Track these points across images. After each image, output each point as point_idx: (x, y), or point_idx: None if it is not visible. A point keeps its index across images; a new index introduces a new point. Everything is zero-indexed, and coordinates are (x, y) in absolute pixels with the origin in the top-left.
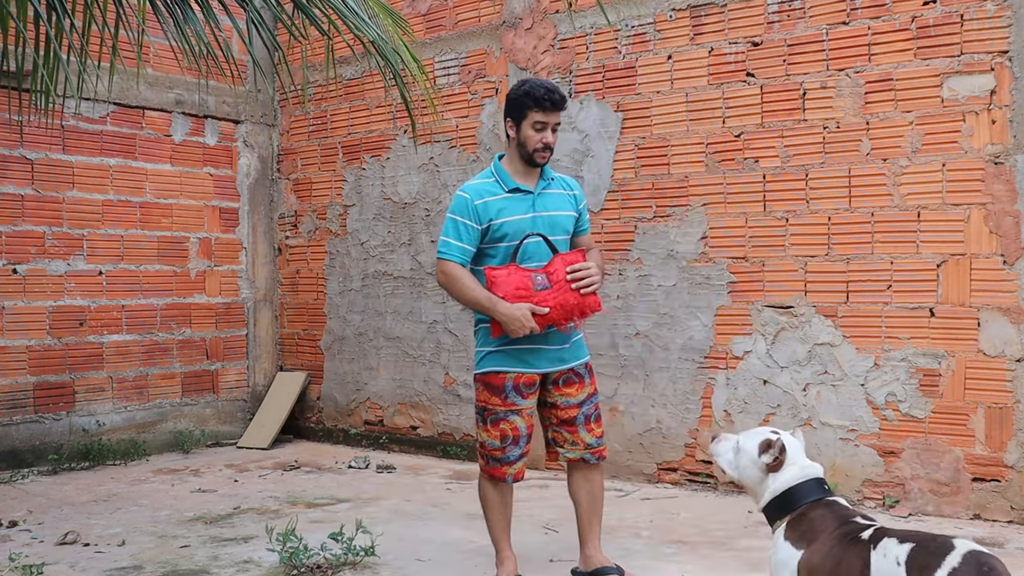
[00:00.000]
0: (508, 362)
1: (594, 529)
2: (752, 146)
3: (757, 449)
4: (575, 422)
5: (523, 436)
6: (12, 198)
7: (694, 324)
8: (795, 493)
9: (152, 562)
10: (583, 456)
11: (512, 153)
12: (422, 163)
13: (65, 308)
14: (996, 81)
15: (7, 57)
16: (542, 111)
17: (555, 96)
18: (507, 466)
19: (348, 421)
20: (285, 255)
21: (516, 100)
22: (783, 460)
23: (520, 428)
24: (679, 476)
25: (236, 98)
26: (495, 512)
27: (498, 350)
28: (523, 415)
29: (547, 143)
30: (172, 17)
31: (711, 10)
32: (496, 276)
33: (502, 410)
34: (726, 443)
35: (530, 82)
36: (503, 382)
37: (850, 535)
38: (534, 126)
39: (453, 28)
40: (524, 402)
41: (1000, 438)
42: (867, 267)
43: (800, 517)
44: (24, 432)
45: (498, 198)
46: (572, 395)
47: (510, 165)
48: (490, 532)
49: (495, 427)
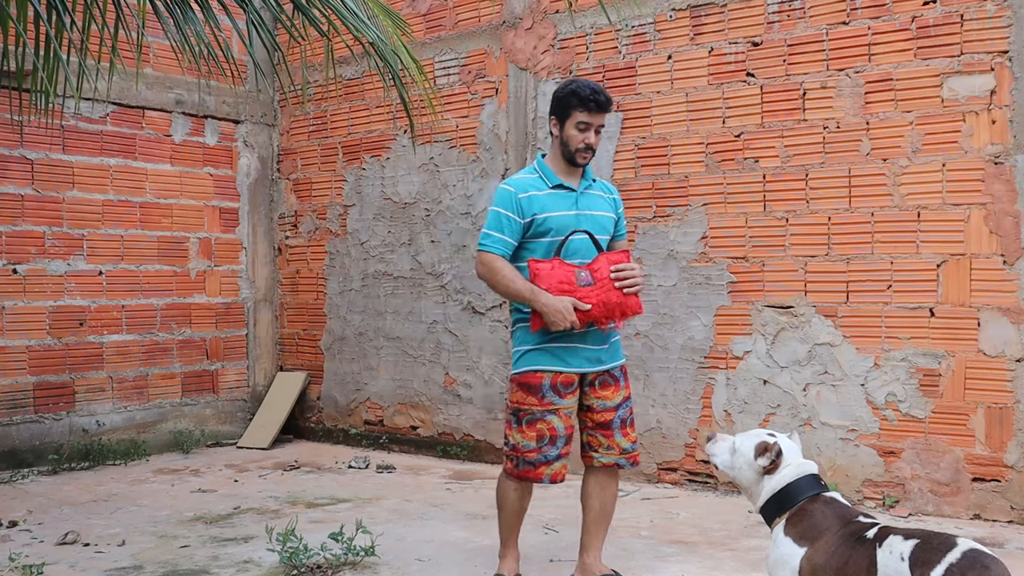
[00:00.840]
0: (546, 360)
1: (599, 538)
2: (752, 146)
3: (754, 452)
4: (611, 426)
5: (561, 436)
6: (12, 198)
7: (694, 324)
8: (792, 489)
9: (152, 562)
10: (617, 461)
11: (555, 151)
12: (422, 163)
13: (65, 308)
14: (996, 81)
15: (7, 57)
16: (587, 112)
17: (600, 98)
18: (543, 467)
19: (348, 421)
20: (285, 255)
21: (562, 99)
22: (779, 463)
23: (558, 428)
24: (679, 476)
25: (236, 98)
26: (510, 513)
27: (536, 348)
28: (561, 415)
29: (589, 144)
30: (172, 17)
31: (711, 10)
32: (540, 269)
33: (539, 410)
34: (722, 444)
35: (577, 82)
36: (540, 381)
37: (855, 534)
38: (577, 126)
39: (453, 28)
40: (562, 402)
41: (1000, 438)
42: (867, 267)
43: (800, 513)
44: (24, 432)
45: (542, 193)
46: (608, 398)
47: (553, 163)
48: (500, 529)
49: (531, 428)
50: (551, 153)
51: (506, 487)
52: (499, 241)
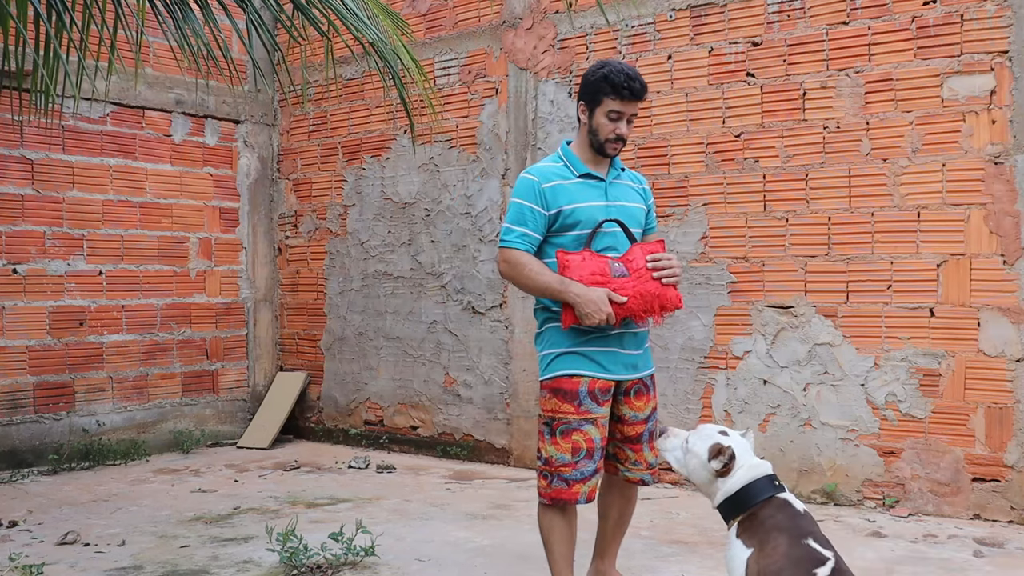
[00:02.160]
0: (583, 364)
1: (615, 545)
2: (752, 146)
3: (707, 454)
4: (640, 439)
5: (597, 448)
6: (12, 198)
7: (694, 324)
8: (747, 492)
9: (152, 562)
10: (643, 477)
11: (582, 139)
12: (422, 163)
13: (65, 308)
14: (996, 81)
15: (7, 57)
16: (620, 100)
17: (635, 85)
18: (579, 484)
19: (348, 421)
20: (285, 255)
21: (593, 84)
22: (732, 468)
23: (595, 439)
24: (679, 476)
25: (236, 98)
26: (561, 544)
27: (570, 351)
28: (598, 424)
29: (620, 134)
30: (171, 17)
31: (711, 10)
32: (570, 260)
33: (575, 419)
34: (674, 440)
35: (610, 64)
36: (577, 387)
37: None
38: (609, 115)
39: (453, 28)
40: (599, 410)
41: (1000, 438)
42: (867, 267)
43: (751, 516)
44: (24, 432)
45: (569, 182)
46: (641, 409)
47: (579, 151)
48: (551, 566)
49: (566, 439)
50: (577, 140)
51: (548, 519)
52: (522, 236)
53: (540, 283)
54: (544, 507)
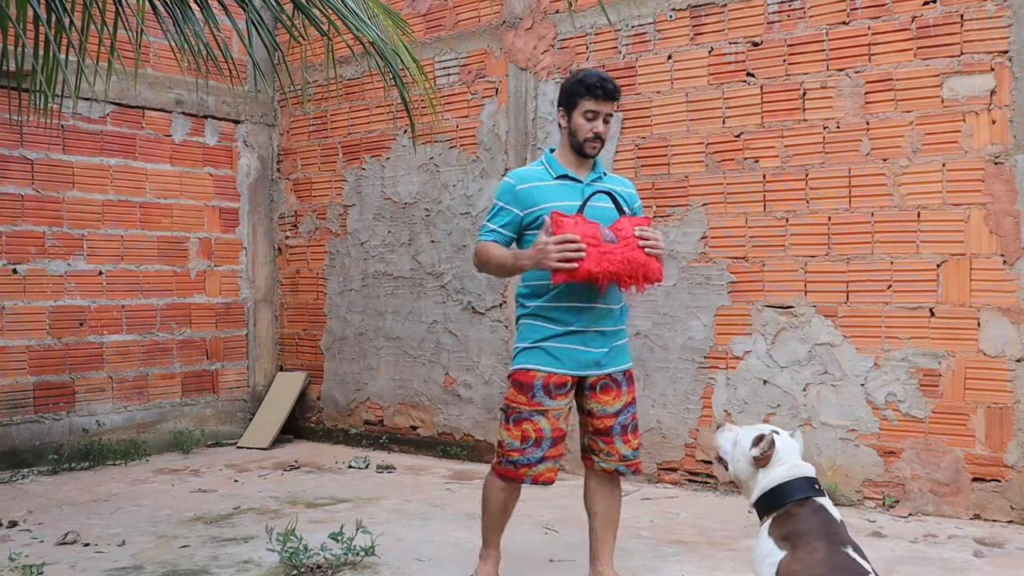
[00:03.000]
0: (541, 360)
1: (608, 545)
2: (752, 146)
3: (751, 442)
4: (611, 432)
5: (547, 439)
6: (12, 198)
7: (694, 324)
8: (784, 490)
9: (152, 562)
10: (618, 468)
11: (563, 143)
12: (422, 163)
13: (65, 308)
14: (996, 81)
15: (6, 57)
16: (594, 100)
17: (608, 85)
18: (525, 468)
19: (348, 421)
20: (285, 255)
21: (569, 89)
22: (770, 456)
23: (544, 430)
24: (679, 476)
25: (236, 98)
26: (493, 512)
27: (532, 346)
28: (548, 416)
29: (598, 132)
30: (171, 17)
31: (711, 10)
32: (563, 222)
33: (526, 409)
34: (728, 434)
35: (584, 71)
36: (532, 380)
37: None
38: (585, 115)
39: (453, 28)
40: (552, 403)
41: (1000, 438)
42: (867, 267)
43: (786, 515)
44: (24, 432)
45: (545, 184)
46: (609, 403)
47: (561, 156)
48: (482, 527)
49: (516, 427)
50: (560, 146)
51: (491, 486)
52: (491, 232)
53: (497, 261)
54: (492, 477)
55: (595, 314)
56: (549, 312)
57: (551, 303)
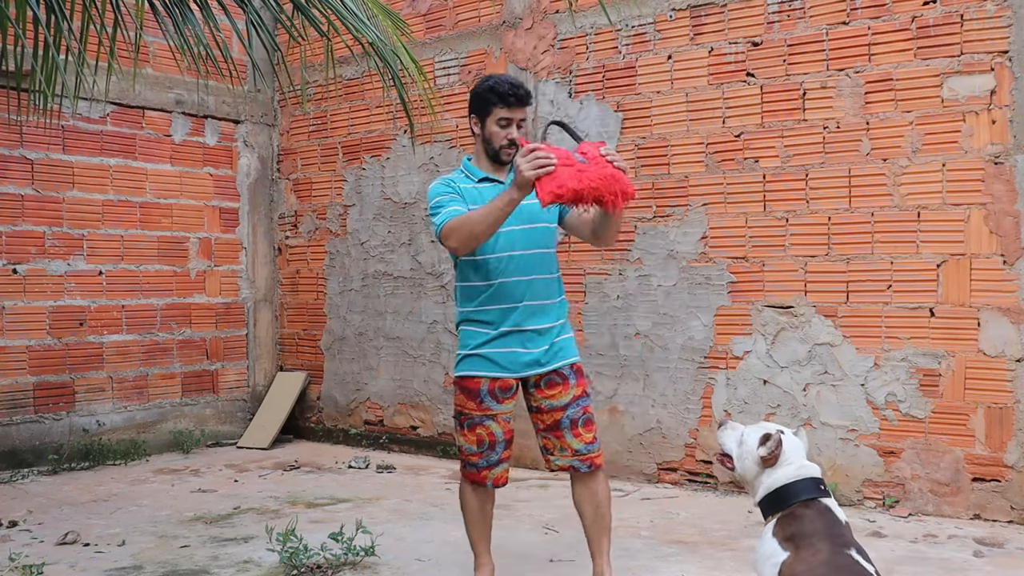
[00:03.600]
0: (482, 366)
1: (602, 544)
2: (752, 146)
3: (757, 441)
4: (560, 426)
5: (499, 441)
6: (12, 198)
7: (694, 324)
8: (789, 490)
9: (152, 562)
10: (572, 463)
11: (478, 150)
12: (422, 163)
13: (65, 308)
14: (996, 81)
15: (6, 57)
16: (507, 107)
17: (520, 92)
18: (486, 470)
19: (348, 421)
20: (285, 255)
21: (481, 96)
22: (778, 455)
23: (496, 433)
24: (679, 476)
25: (236, 98)
26: (474, 518)
27: (472, 354)
28: (499, 420)
29: (512, 139)
30: (170, 18)
31: (711, 10)
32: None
33: (477, 415)
34: (733, 432)
35: (494, 78)
36: (478, 387)
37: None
38: (498, 122)
39: (453, 28)
40: (499, 407)
41: (1000, 438)
42: (867, 267)
43: (791, 516)
44: (24, 432)
45: (470, 186)
46: (555, 397)
47: (478, 163)
48: (469, 537)
49: (471, 432)
50: (475, 153)
51: (464, 492)
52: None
53: (479, 216)
54: (462, 482)
55: (525, 311)
56: (481, 315)
57: (481, 306)
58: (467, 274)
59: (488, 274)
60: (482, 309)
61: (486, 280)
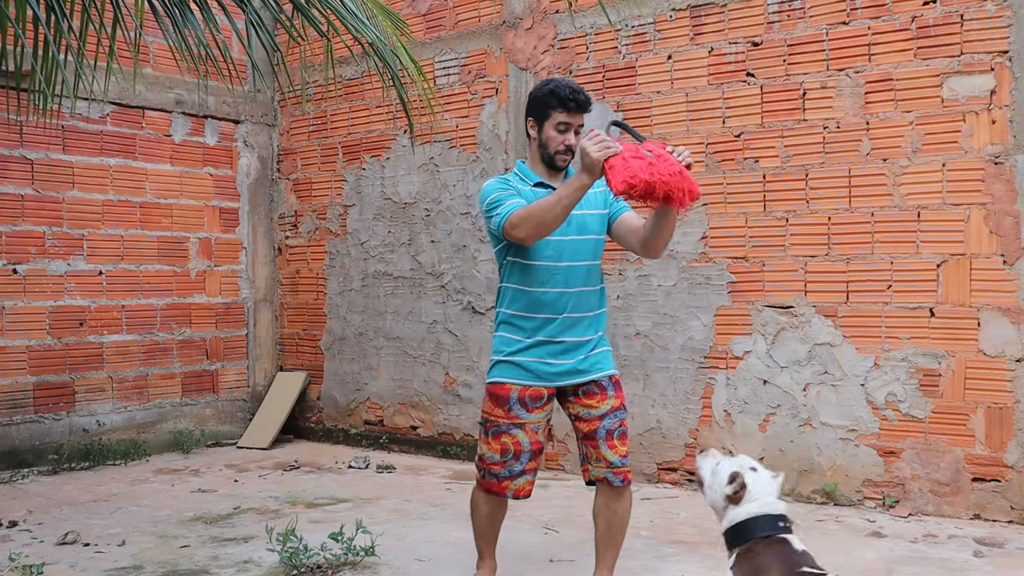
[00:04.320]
0: (514, 373)
1: (607, 558)
2: (752, 146)
3: (727, 478)
4: (595, 436)
5: (525, 452)
6: (12, 198)
7: (694, 324)
8: (749, 525)
9: (152, 562)
10: (606, 476)
11: (533, 155)
12: (422, 163)
13: (65, 308)
14: (996, 81)
15: (6, 57)
16: (566, 112)
17: (580, 97)
18: (507, 480)
19: (348, 421)
20: (285, 255)
21: (540, 99)
22: (742, 496)
23: (523, 443)
24: (679, 476)
25: (236, 98)
26: (483, 524)
27: (505, 360)
28: (527, 429)
29: (569, 145)
30: (170, 18)
31: (711, 10)
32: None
33: (504, 423)
34: (710, 460)
35: (555, 81)
36: (508, 393)
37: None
38: (557, 127)
39: (453, 28)
40: (528, 416)
41: (1000, 438)
42: (867, 267)
43: (748, 552)
44: (24, 432)
45: (526, 189)
46: (593, 406)
47: (533, 166)
48: (475, 540)
49: (496, 440)
50: (530, 157)
51: (477, 499)
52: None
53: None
54: (475, 489)
55: (565, 323)
56: (519, 320)
57: (520, 312)
58: (512, 276)
59: (532, 280)
60: (521, 315)
61: (530, 286)
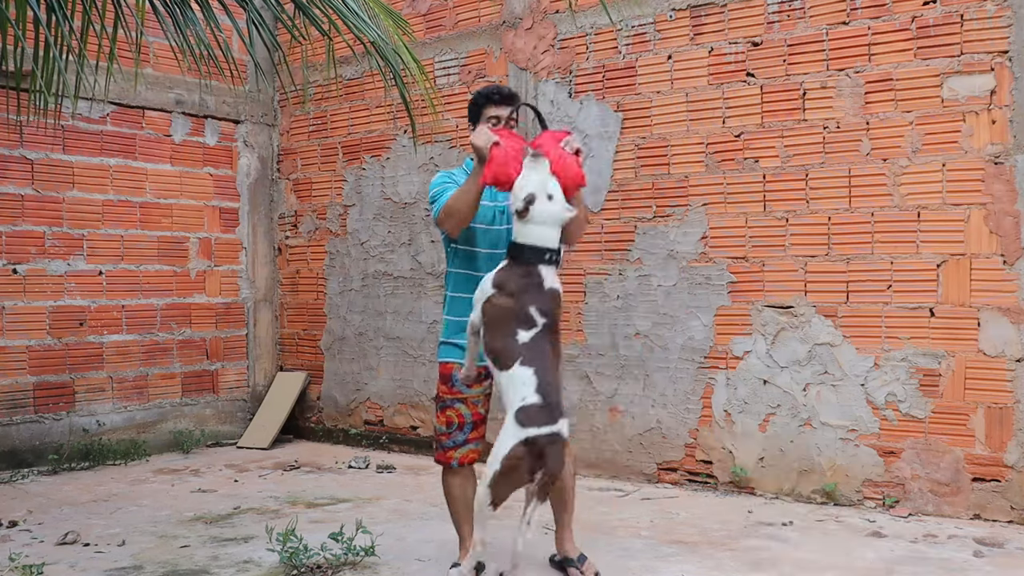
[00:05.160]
0: (454, 353)
1: (562, 519)
2: (752, 146)
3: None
4: None
5: (467, 423)
6: (12, 198)
7: (694, 324)
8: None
9: (152, 562)
10: None
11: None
12: (422, 163)
13: (65, 308)
14: (996, 81)
15: (6, 58)
16: (493, 105)
17: (504, 91)
18: (452, 450)
19: (348, 421)
20: (285, 255)
21: (473, 102)
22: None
23: (465, 415)
24: (679, 476)
25: (236, 98)
26: (458, 507)
27: (447, 342)
28: (467, 403)
29: None
30: (171, 17)
31: (711, 10)
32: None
33: (449, 398)
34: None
35: (481, 87)
36: (450, 372)
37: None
38: (488, 121)
39: (453, 28)
40: (468, 391)
41: (1000, 438)
42: (867, 267)
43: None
44: (24, 432)
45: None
46: None
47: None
48: (453, 521)
49: (443, 413)
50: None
51: (445, 483)
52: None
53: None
54: (443, 471)
55: None
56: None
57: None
58: (456, 261)
59: (475, 266)
60: (460, 296)
61: (474, 271)
